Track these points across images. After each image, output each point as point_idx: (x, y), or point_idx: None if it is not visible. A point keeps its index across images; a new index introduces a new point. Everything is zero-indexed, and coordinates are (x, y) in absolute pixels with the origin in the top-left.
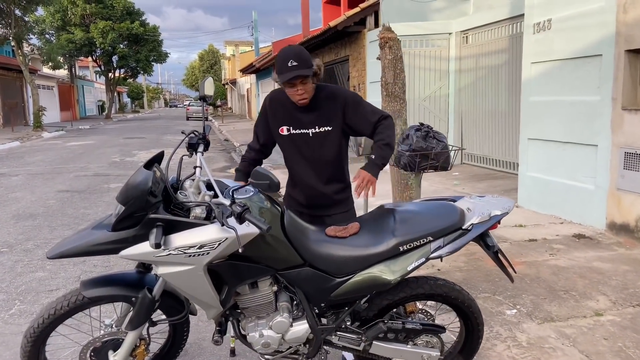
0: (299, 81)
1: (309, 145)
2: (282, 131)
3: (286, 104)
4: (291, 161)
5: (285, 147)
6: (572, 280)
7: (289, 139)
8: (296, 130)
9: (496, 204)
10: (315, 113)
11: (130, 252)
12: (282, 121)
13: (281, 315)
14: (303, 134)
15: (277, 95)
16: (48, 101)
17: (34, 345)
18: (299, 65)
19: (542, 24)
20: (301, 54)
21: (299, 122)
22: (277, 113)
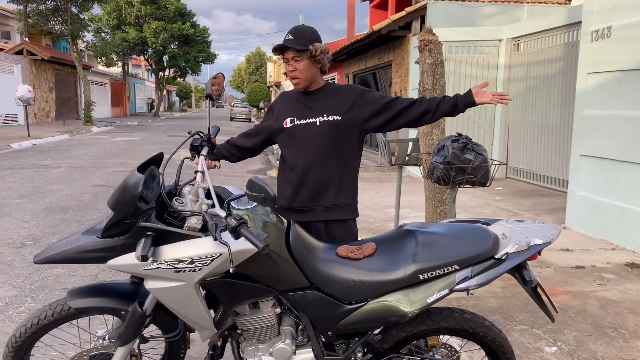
0: (291, 57)
1: (313, 138)
2: (285, 124)
3: (294, 97)
4: (292, 157)
5: (287, 141)
6: (623, 316)
7: (293, 130)
8: (301, 120)
9: (537, 231)
10: (324, 102)
11: (117, 262)
12: (287, 114)
13: (283, 341)
14: (309, 124)
15: (288, 92)
16: (100, 97)
17: (15, 356)
18: (294, 40)
19: (600, 31)
20: (302, 31)
21: (304, 112)
22: (283, 107)
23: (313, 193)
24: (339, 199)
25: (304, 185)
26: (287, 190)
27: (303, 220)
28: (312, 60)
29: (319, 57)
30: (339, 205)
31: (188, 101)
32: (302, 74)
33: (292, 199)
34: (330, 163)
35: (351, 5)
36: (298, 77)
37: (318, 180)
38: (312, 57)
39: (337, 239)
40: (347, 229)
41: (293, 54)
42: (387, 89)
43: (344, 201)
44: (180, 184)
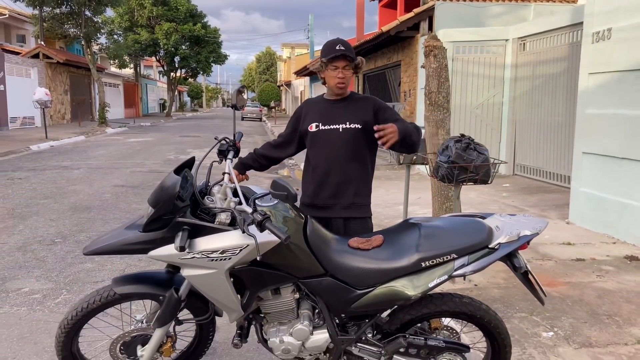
0: (343, 65)
1: (336, 142)
2: (311, 128)
3: (320, 103)
4: (316, 158)
5: (312, 145)
6: (618, 304)
7: (319, 135)
8: (325, 126)
9: (527, 223)
10: (347, 110)
11: (158, 253)
12: (313, 119)
13: (302, 322)
14: (333, 130)
15: (313, 99)
16: (113, 98)
17: (67, 336)
18: (346, 50)
19: (601, 33)
20: (348, 44)
21: (329, 118)
22: (310, 113)
23: (334, 192)
24: (357, 198)
25: (326, 184)
26: (309, 188)
27: (325, 216)
28: (354, 71)
29: (361, 67)
30: (357, 204)
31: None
32: (347, 82)
33: (314, 196)
34: (350, 166)
35: (360, 5)
36: (345, 83)
37: (338, 181)
38: (356, 67)
39: (355, 234)
40: (365, 226)
41: (345, 63)
42: (396, 89)
43: (361, 201)
44: (210, 185)
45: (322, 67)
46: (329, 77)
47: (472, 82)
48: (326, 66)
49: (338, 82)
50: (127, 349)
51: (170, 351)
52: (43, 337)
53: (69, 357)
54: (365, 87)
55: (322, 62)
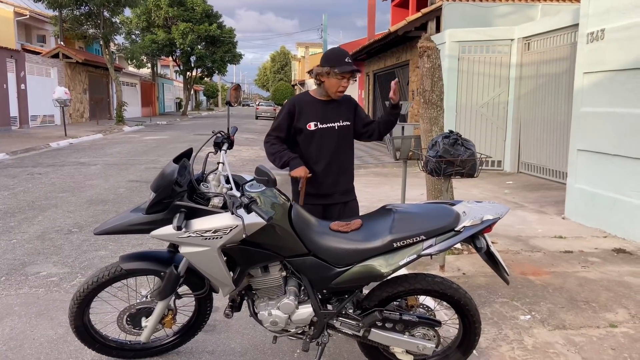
0: (348, 77)
1: (334, 139)
2: (309, 127)
3: (312, 103)
4: (316, 155)
5: (310, 142)
6: (597, 292)
7: (317, 133)
8: (323, 124)
9: (491, 209)
10: (338, 109)
11: (158, 232)
12: (309, 118)
13: (288, 298)
14: (329, 128)
15: (303, 97)
16: (131, 97)
17: (79, 307)
18: (352, 64)
19: (595, 33)
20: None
21: (325, 117)
22: (304, 111)
23: (334, 181)
24: (350, 184)
25: (327, 175)
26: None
27: (327, 203)
28: None
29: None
30: (349, 189)
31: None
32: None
33: (318, 186)
34: (345, 158)
35: (372, 6)
36: (344, 91)
37: (338, 171)
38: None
39: (354, 213)
40: (356, 206)
41: (350, 75)
42: (405, 88)
43: (352, 185)
44: (205, 173)
45: (326, 73)
46: (331, 83)
47: (477, 81)
48: (334, 75)
49: (341, 90)
50: (133, 320)
51: (171, 323)
52: (59, 314)
53: (81, 326)
54: (375, 86)
55: (330, 69)
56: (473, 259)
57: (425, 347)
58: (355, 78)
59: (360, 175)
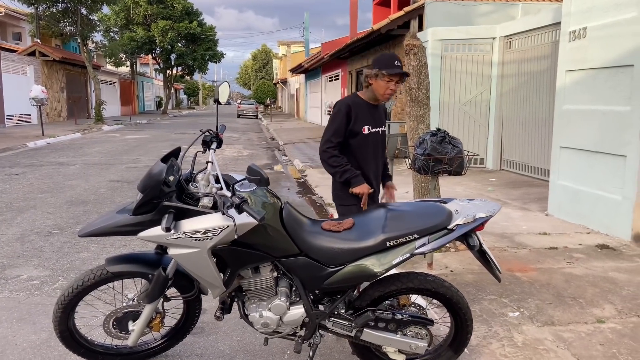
0: (397, 80)
1: (379, 142)
2: (364, 130)
3: (364, 106)
4: (364, 157)
5: (362, 144)
6: (583, 288)
7: (370, 137)
8: (373, 128)
9: (483, 207)
10: (380, 115)
11: (146, 234)
12: (364, 121)
13: (280, 299)
14: (377, 132)
15: (357, 100)
16: (110, 96)
17: (64, 312)
18: (401, 67)
19: (577, 32)
20: (401, 60)
21: (374, 121)
22: (359, 115)
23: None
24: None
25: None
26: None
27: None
28: None
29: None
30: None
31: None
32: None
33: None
34: (382, 157)
35: (354, 4)
36: (392, 95)
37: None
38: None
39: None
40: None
41: (399, 79)
42: None
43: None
44: (194, 172)
45: (374, 75)
46: (380, 86)
47: (460, 80)
48: (382, 77)
49: (389, 92)
50: (120, 324)
51: (159, 326)
52: (41, 318)
53: (66, 331)
54: (359, 84)
55: (378, 72)
56: (460, 256)
57: (417, 346)
58: (403, 81)
59: None
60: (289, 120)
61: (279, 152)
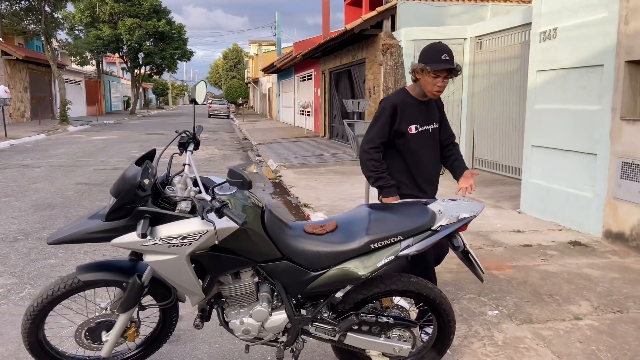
0: (444, 75)
1: (431, 141)
2: (410, 130)
3: (412, 104)
4: (414, 159)
5: (410, 145)
6: (558, 285)
7: (418, 136)
8: (422, 127)
9: (466, 207)
10: (430, 111)
11: (121, 240)
12: (411, 120)
13: (261, 304)
14: (426, 131)
15: (404, 98)
16: (75, 96)
17: (33, 323)
18: (450, 61)
19: (548, 32)
20: (451, 52)
21: (423, 119)
22: (406, 114)
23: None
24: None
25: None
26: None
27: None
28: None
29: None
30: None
31: (165, 98)
32: (444, 88)
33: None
34: (436, 160)
35: (326, 4)
36: (442, 91)
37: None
38: (454, 75)
39: None
40: None
41: (447, 74)
42: (361, 85)
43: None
44: (170, 176)
45: (420, 70)
46: (427, 82)
47: None
48: (427, 72)
49: (437, 90)
50: (92, 334)
51: (134, 336)
52: (8, 328)
53: (35, 343)
54: (332, 84)
55: (424, 66)
56: None
57: (401, 348)
58: (452, 76)
59: (320, 173)
60: (262, 120)
61: (253, 153)
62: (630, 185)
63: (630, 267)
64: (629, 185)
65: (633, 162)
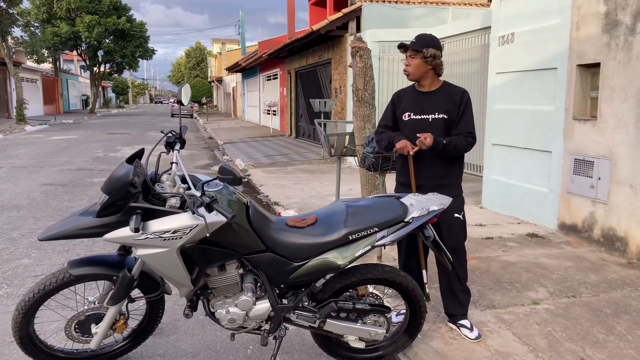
0: (408, 54)
1: (428, 130)
2: (404, 117)
3: (409, 94)
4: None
5: (405, 131)
6: (518, 273)
7: (411, 124)
8: (416, 115)
9: (435, 200)
10: (435, 102)
11: (113, 235)
12: (405, 109)
13: (246, 294)
14: (423, 120)
15: (405, 89)
16: (32, 95)
17: (24, 317)
18: (415, 43)
19: (506, 37)
20: (424, 38)
21: (418, 108)
22: (402, 102)
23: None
24: (443, 180)
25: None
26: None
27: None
28: (423, 61)
29: (429, 60)
30: (442, 185)
31: (125, 97)
32: (412, 69)
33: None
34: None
35: (291, 4)
36: (408, 71)
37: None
38: (424, 58)
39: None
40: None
41: (410, 52)
42: (327, 86)
43: (447, 182)
44: (159, 173)
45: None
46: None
47: (397, 80)
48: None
49: (404, 69)
50: (82, 327)
51: (122, 328)
52: None
53: (26, 337)
54: (298, 84)
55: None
56: None
57: (376, 333)
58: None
59: (289, 172)
60: (227, 120)
61: (219, 152)
62: (582, 180)
63: (583, 257)
64: (581, 180)
65: (584, 159)
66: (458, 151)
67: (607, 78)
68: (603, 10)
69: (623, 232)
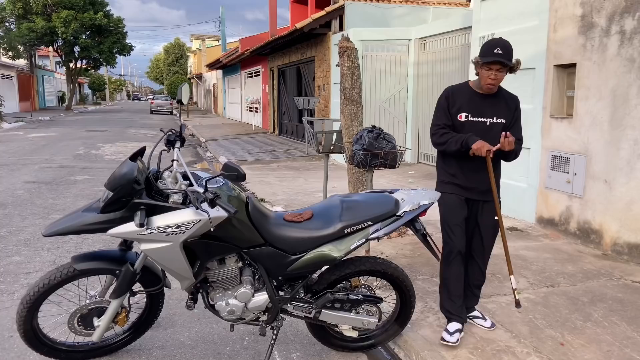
0: (497, 68)
1: (484, 134)
2: (460, 117)
3: (466, 93)
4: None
5: (460, 133)
6: (499, 265)
7: (468, 125)
8: (474, 117)
9: (425, 195)
10: (496, 105)
11: (118, 230)
12: (461, 109)
13: (245, 287)
14: (481, 122)
15: (459, 87)
16: (7, 91)
17: (29, 311)
18: (503, 55)
19: (486, 37)
20: (508, 47)
21: (477, 111)
22: (456, 101)
23: (474, 177)
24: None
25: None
26: (457, 171)
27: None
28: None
29: (517, 69)
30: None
31: (102, 93)
32: (498, 82)
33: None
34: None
35: (273, 1)
36: (494, 84)
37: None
38: (511, 69)
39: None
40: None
41: (499, 67)
42: (310, 83)
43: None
44: (160, 171)
45: (476, 63)
46: (482, 75)
47: (380, 78)
48: (480, 66)
49: (489, 82)
50: (84, 320)
51: (124, 321)
52: None
53: (30, 331)
54: (281, 81)
55: (479, 59)
56: (393, 242)
57: (369, 322)
58: (512, 71)
59: (273, 169)
60: (208, 117)
61: (202, 149)
62: (559, 175)
63: (560, 249)
64: (558, 176)
65: (561, 155)
66: (516, 156)
67: (582, 78)
68: (579, 12)
69: (598, 225)
